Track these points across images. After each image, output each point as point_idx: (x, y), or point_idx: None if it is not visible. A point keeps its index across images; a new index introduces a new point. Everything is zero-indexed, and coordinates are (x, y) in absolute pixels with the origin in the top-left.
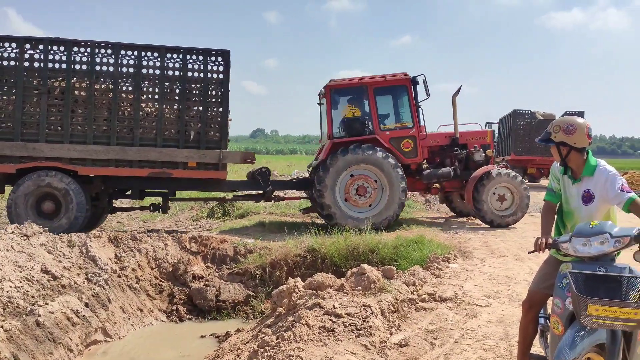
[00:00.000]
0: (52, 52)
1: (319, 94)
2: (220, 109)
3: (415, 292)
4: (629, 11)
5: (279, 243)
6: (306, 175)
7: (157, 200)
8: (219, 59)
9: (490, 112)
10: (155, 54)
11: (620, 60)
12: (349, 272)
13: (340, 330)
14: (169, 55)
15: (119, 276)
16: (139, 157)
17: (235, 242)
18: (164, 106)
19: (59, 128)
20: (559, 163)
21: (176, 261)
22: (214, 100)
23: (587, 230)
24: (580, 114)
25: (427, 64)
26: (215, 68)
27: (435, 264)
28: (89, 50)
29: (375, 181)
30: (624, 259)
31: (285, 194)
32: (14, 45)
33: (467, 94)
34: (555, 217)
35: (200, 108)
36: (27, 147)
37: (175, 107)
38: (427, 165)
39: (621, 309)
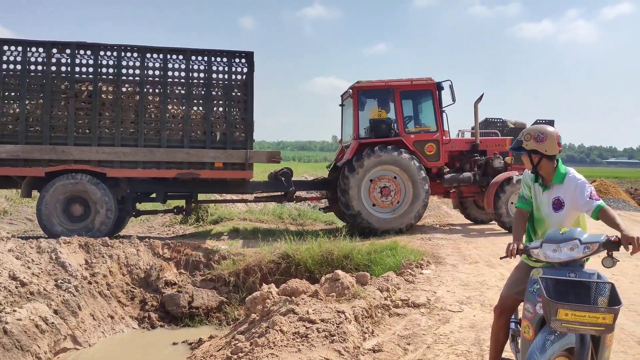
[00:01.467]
0: (79, 56)
1: (342, 96)
2: (245, 110)
3: (388, 298)
4: (597, 23)
5: (253, 249)
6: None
7: (179, 202)
8: (243, 60)
9: (463, 120)
10: (181, 57)
11: (589, 71)
12: (323, 278)
13: (314, 336)
14: (193, 57)
15: (90, 282)
16: (167, 158)
17: (209, 248)
18: (190, 108)
19: (87, 131)
20: (530, 171)
21: (148, 267)
22: (238, 101)
23: (557, 237)
24: (551, 122)
25: (402, 71)
26: (239, 69)
27: (409, 270)
28: (115, 53)
29: (400, 183)
30: (593, 264)
31: (308, 194)
32: (40, 49)
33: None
34: (527, 224)
35: (225, 109)
36: (56, 150)
37: (200, 108)
38: (447, 169)
39: (590, 314)
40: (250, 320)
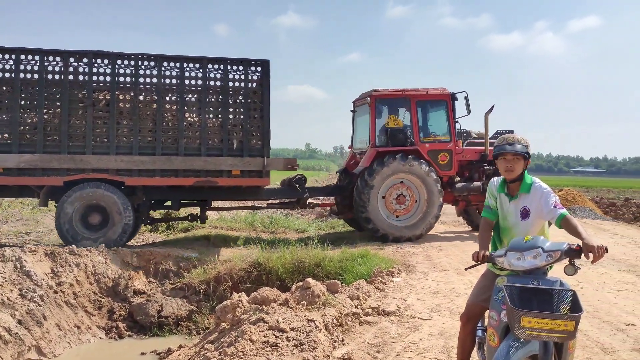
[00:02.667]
0: (96, 64)
1: (354, 102)
2: (261, 117)
3: (359, 306)
4: (564, 36)
5: (224, 257)
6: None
7: (191, 210)
8: (259, 68)
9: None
10: (197, 65)
11: (557, 82)
12: (293, 287)
13: (283, 345)
14: (210, 65)
15: (56, 292)
16: (184, 166)
17: (179, 257)
18: (207, 116)
19: (105, 140)
20: (507, 177)
21: (117, 276)
22: (254, 109)
23: (521, 245)
24: (510, 132)
25: (375, 80)
26: (255, 77)
27: (380, 278)
28: (132, 62)
29: (415, 192)
30: (556, 272)
31: (322, 200)
32: (58, 58)
33: None
34: (492, 233)
35: (242, 117)
36: (75, 159)
37: (217, 116)
38: (458, 178)
39: (552, 321)
40: (220, 330)
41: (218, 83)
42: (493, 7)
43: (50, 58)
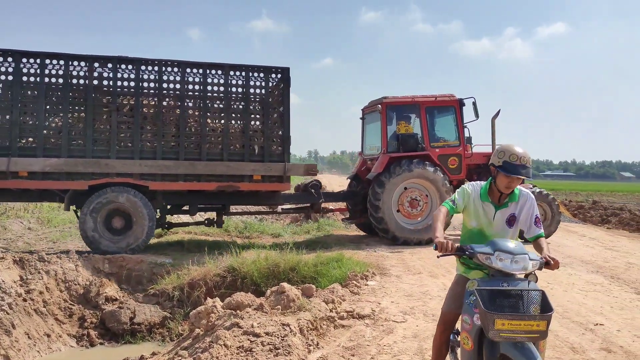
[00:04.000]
0: (120, 70)
1: (363, 110)
2: (282, 123)
3: (334, 310)
4: (533, 43)
5: (198, 263)
6: None
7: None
8: (279, 75)
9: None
10: (220, 71)
11: (526, 88)
12: (268, 291)
13: (258, 350)
14: (232, 72)
15: (25, 300)
16: (207, 171)
17: (152, 262)
18: (229, 121)
19: (129, 144)
20: (505, 192)
21: (88, 283)
22: (275, 115)
23: (512, 249)
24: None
25: (348, 85)
26: (275, 84)
27: (354, 282)
28: (156, 68)
29: (426, 195)
30: None
31: (334, 205)
32: (82, 63)
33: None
34: (460, 238)
35: (263, 123)
36: (100, 164)
37: (239, 122)
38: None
39: (525, 322)
40: (194, 336)
41: (240, 89)
42: (463, 13)
43: (75, 63)
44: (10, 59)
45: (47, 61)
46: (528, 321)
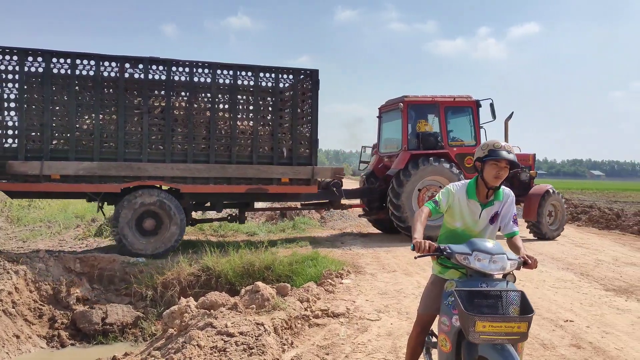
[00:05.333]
0: (151, 71)
1: (380, 108)
2: (310, 126)
3: (308, 309)
4: (506, 43)
5: (171, 261)
6: None
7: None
8: (308, 78)
9: (369, 138)
10: (250, 73)
11: (499, 88)
12: (243, 290)
13: (232, 349)
14: (262, 74)
15: None
16: (238, 174)
17: (125, 262)
18: (258, 124)
19: (160, 147)
20: (493, 184)
21: (58, 283)
22: (303, 117)
23: (490, 248)
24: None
25: (326, 83)
26: (304, 87)
27: (329, 280)
28: (187, 69)
29: None
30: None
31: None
32: (113, 64)
33: (363, 116)
34: (439, 237)
35: (291, 125)
36: (132, 167)
37: (268, 124)
38: None
39: (505, 324)
40: (168, 336)
41: (269, 92)
42: (438, 13)
43: (106, 63)
44: (40, 59)
45: (78, 61)
46: (509, 323)
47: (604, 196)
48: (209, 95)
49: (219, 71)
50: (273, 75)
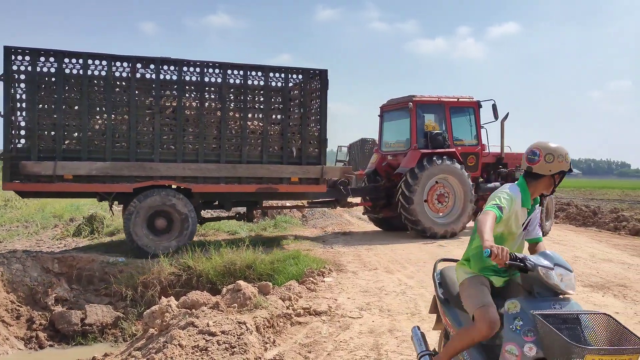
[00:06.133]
0: (162, 71)
1: (381, 107)
2: (319, 126)
3: (290, 307)
4: (485, 42)
5: (152, 261)
6: None
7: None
8: (317, 78)
9: (345, 137)
10: (260, 73)
11: (478, 87)
12: (224, 289)
13: (214, 349)
14: (271, 74)
15: None
16: (248, 174)
17: (104, 261)
18: (268, 124)
19: (172, 147)
20: (546, 192)
21: (36, 284)
22: (312, 117)
23: (569, 265)
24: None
25: None
26: (313, 86)
27: (311, 279)
28: (198, 69)
29: (453, 191)
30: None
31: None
32: (125, 64)
33: (343, 115)
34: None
35: (301, 125)
36: (144, 167)
37: (278, 124)
38: (482, 179)
39: (617, 356)
40: (148, 336)
41: (279, 92)
42: (419, 12)
43: (118, 63)
44: (52, 59)
45: (90, 61)
46: (621, 355)
47: (581, 194)
48: (219, 95)
49: (229, 71)
50: (283, 75)
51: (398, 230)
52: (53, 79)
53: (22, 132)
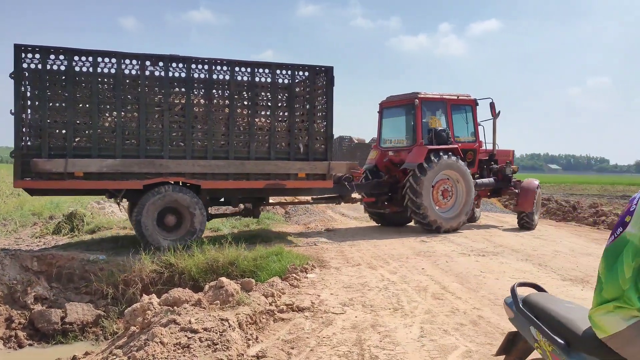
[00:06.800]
0: (171, 68)
1: (380, 104)
2: (325, 122)
3: (273, 303)
4: (467, 39)
5: (133, 258)
6: None
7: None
8: (323, 74)
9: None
10: (267, 70)
11: (460, 84)
12: (207, 286)
13: (196, 346)
14: (278, 71)
15: None
16: (257, 170)
17: (84, 259)
18: (275, 120)
19: (181, 144)
20: None
21: (15, 282)
22: (318, 113)
23: None
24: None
25: None
26: (319, 83)
27: (294, 275)
28: (206, 67)
29: (456, 186)
30: None
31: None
32: (134, 61)
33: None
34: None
35: (307, 121)
36: (155, 164)
37: (285, 121)
38: (477, 175)
39: None
40: (130, 334)
41: (285, 88)
42: (401, 9)
43: (127, 61)
44: (62, 57)
45: (99, 59)
46: None
47: (561, 189)
48: (227, 92)
49: (237, 68)
50: (289, 72)
51: (396, 226)
52: (63, 77)
53: (33, 130)
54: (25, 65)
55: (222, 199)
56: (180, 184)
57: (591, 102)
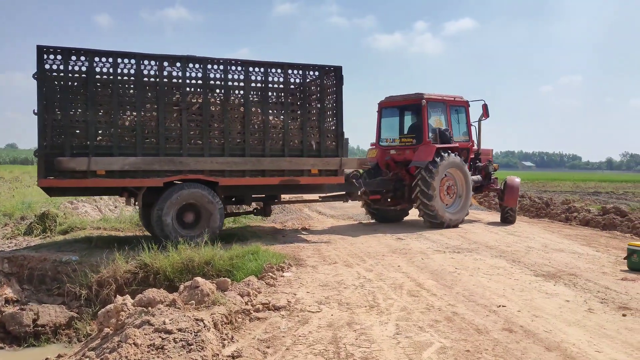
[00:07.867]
0: (189, 69)
1: (379, 103)
2: (336, 120)
3: (249, 303)
4: (442, 38)
5: (107, 259)
6: None
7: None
8: (332, 74)
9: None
10: (279, 70)
11: (435, 82)
12: (182, 286)
13: (170, 347)
14: (290, 71)
15: None
16: (272, 166)
17: (57, 260)
18: (288, 118)
19: (199, 142)
20: None
21: None
22: (329, 111)
23: None
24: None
25: None
26: (329, 82)
27: (270, 274)
28: (222, 67)
29: (457, 183)
30: None
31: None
32: (153, 62)
33: None
34: None
35: (319, 119)
36: (174, 161)
37: (297, 119)
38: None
39: None
40: (103, 336)
41: (297, 88)
42: (377, 7)
43: (146, 62)
44: (83, 58)
45: (119, 60)
46: None
47: (535, 186)
48: (242, 91)
49: (251, 68)
50: (300, 72)
51: (393, 222)
52: (84, 77)
53: (56, 130)
54: (47, 67)
55: (234, 198)
56: (199, 182)
57: (563, 100)
